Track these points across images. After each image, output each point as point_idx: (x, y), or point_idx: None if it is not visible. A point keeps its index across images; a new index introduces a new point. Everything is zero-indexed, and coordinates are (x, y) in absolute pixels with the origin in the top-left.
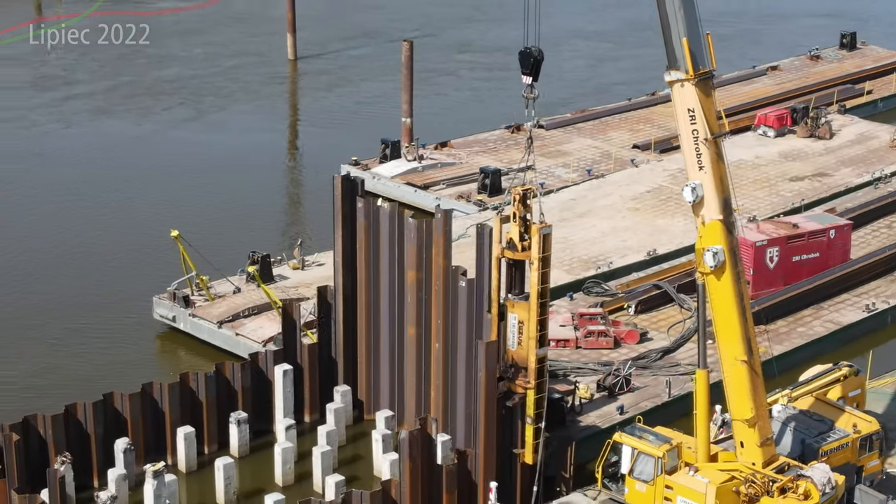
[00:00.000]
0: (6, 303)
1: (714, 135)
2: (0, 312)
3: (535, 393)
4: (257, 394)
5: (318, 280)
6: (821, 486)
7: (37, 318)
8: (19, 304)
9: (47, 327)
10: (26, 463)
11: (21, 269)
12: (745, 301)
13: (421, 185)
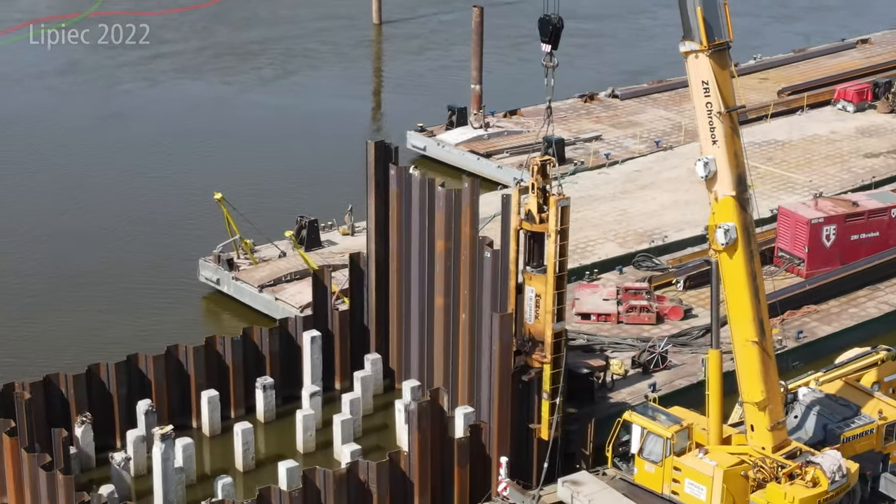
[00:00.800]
0: (61, 259)
1: (728, 108)
2: (54, 270)
3: (552, 368)
4: (286, 359)
5: (365, 246)
6: (830, 473)
7: (90, 277)
8: (77, 261)
9: (99, 286)
10: (48, 422)
11: (79, 228)
12: (757, 281)
13: (484, 152)
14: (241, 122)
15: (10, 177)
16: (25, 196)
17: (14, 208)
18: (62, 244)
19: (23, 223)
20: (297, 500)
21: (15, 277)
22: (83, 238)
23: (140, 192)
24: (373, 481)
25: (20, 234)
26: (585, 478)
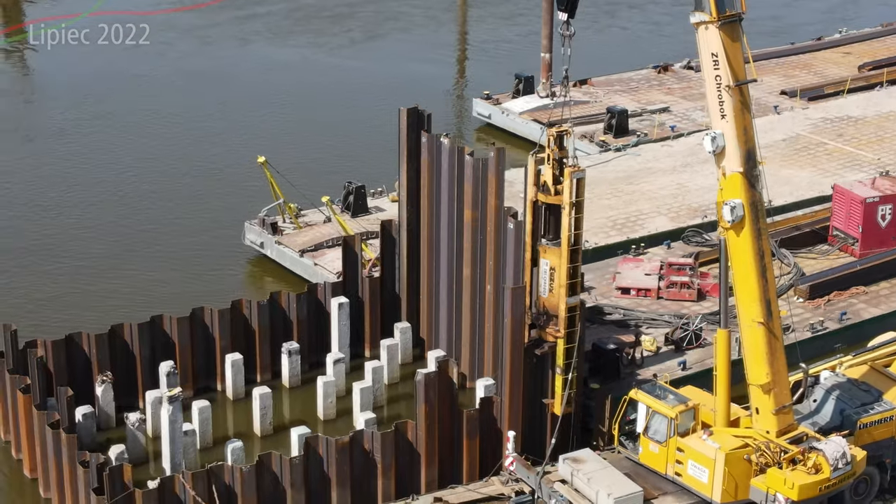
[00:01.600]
0: (124, 216)
1: (737, 82)
2: (114, 225)
3: (566, 343)
4: (314, 326)
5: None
6: (832, 460)
7: (143, 235)
8: (139, 219)
9: (155, 246)
10: (70, 381)
11: (141, 185)
12: (765, 260)
13: (547, 122)
14: (318, 85)
15: (96, 134)
16: (98, 155)
17: (88, 166)
18: (123, 204)
19: (87, 182)
20: (297, 467)
21: (74, 236)
22: (147, 197)
23: (207, 151)
24: (377, 451)
25: (81, 193)
26: (587, 455)
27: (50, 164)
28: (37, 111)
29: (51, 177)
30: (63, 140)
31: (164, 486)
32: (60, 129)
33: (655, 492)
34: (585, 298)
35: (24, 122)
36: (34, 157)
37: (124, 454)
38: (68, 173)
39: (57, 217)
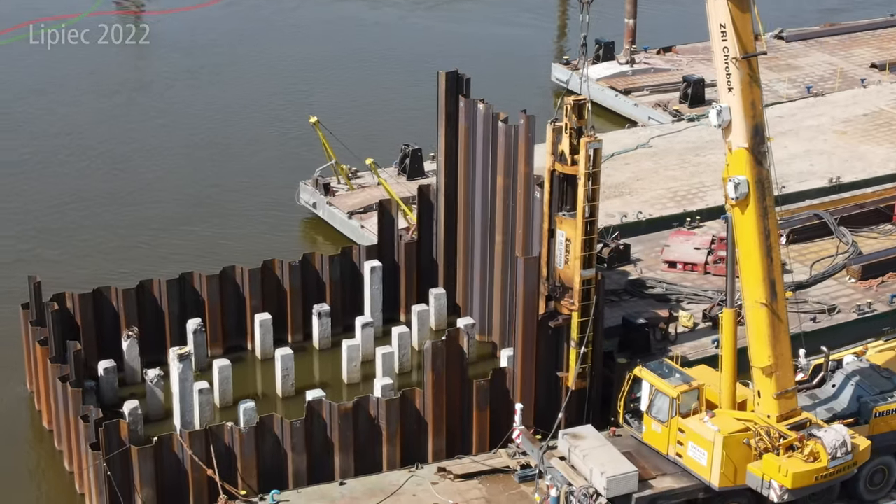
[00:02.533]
0: (192, 171)
1: (744, 55)
2: (182, 180)
3: (580, 316)
4: (348, 288)
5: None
6: (830, 448)
7: (204, 192)
8: (206, 172)
9: (217, 202)
10: (98, 335)
11: (214, 139)
12: (771, 240)
13: (623, 89)
14: (390, 46)
15: (179, 87)
16: (178, 109)
17: (160, 124)
18: (192, 157)
19: (159, 139)
20: (298, 430)
21: (141, 189)
22: (216, 151)
23: (272, 109)
24: (382, 418)
25: (150, 150)
26: (586, 432)
27: (131, 116)
28: (135, 64)
29: (129, 130)
30: (149, 94)
31: (161, 443)
32: (149, 83)
33: (655, 472)
34: (631, 270)
35: (125, 75)
36: (121, 108)
37: (138, 410)
38: (147, 126)
39: (126, 169)
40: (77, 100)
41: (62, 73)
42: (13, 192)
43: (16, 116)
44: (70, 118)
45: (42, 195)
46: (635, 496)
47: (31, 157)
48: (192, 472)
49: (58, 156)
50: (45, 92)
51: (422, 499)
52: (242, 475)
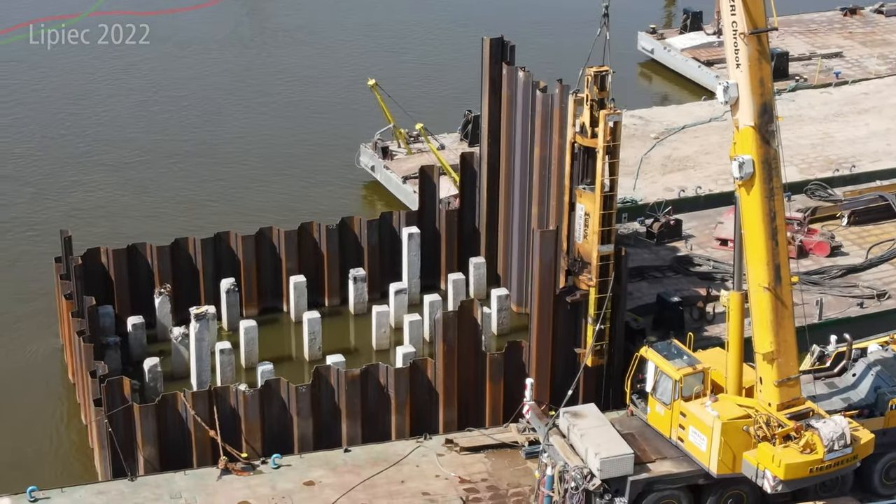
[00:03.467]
0: (259, 129)
1: (752, 30)
2: (247, 141)
3: (598, 292)
4: (387, 254)
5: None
6: (827, 440)
7: (280, 148)
8: (275, 130)
9: (282, 160)
10: (131, 290)
11: (284, 98)
12: (777, 222)
13: (705, 60)
14: (468, 10)
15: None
16: (258, 65)
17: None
18: (261, 115)
19: (227, 98)
20: (304, 396)
21: (211, 149)
22: (286, 110)
23: (349, 69)
24: (391, 387)
25: (228, 103)
26: (588, 411)
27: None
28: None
29: (213, 86)
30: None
31: (165, 402)
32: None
33: (655, 455)
34: (680, 246)
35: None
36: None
37: (157, 367)
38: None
39: (201, 125)
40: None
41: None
42: (106, 142)
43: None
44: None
45: (132, 146)
46: (630, 479)
47: (123, 109)
48: (195, 432)
49: (151, 108)
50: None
51: (424, 470)
52: (247, 438)
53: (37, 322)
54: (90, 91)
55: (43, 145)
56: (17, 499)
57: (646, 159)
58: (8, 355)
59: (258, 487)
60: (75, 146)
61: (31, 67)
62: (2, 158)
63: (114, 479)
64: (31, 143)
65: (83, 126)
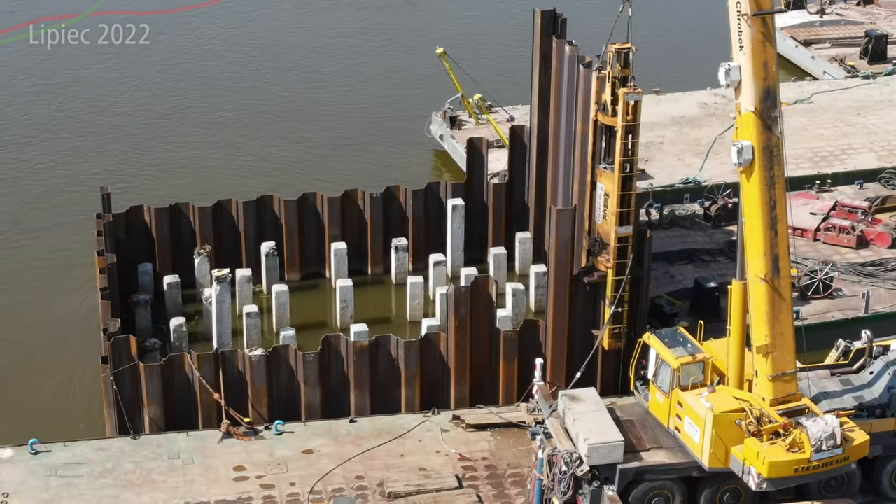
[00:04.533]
0: (335, 95)
1: (757, 11)
2: (314, 107)
3: (615, 274)
4: (432, 224)
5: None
6: (815, 440)
7: (350, 114)
8: (353, 95)
9: (357, 125)
10: (173, 249)
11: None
12: (776, 212)
13: (803, 40)
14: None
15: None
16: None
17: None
18: (336, 79)
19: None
20: (312, 364)
21: (293, 111)
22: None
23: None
24: (401, 359)
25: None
26: (586, 395)
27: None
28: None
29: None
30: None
31: (171, 363)
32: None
33: (651, 444)
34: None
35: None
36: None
37: (183, 327)
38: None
39: (275, 87)
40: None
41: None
42: (204, 100)
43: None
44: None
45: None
46: (619, 467)
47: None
48: (200, 394)
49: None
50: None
51: (426, 444)
52: (253, 403)
53: (89, 276)
54: (194, 50)
55: (147, 99)
56: (19, 450)
57: (720, 139)
58: (56, 308)
59: (257, 453)
60: (176, 102)
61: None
62: (106, 109)
63: (119, 436)
64: (136, 96)
65: (184, 83)
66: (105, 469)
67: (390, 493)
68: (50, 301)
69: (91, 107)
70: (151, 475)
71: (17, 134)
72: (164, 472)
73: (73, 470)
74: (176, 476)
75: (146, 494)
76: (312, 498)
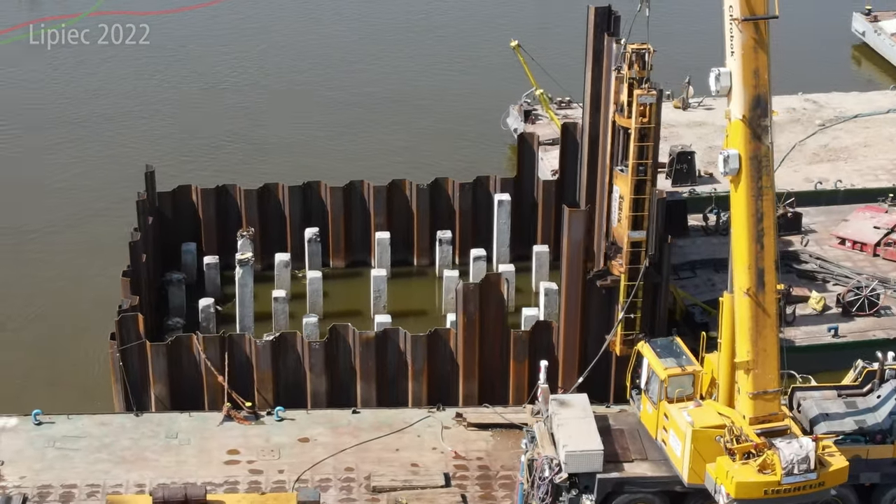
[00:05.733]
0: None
1: (747, 16)
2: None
3: (627, 279)
4: (482, 219)
5: (689, 123)
6: (786, 462)
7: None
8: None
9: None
10: (218, 229)
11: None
12: (764, 224)
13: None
14: None
15: None
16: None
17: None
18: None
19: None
20: (318, 352)
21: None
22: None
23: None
24: (409, 353)
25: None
26: (576, 401)
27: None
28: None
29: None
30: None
31: (178, 343)
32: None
33: (635, 455)
34: (795, 241)
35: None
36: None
37: (210, 308)
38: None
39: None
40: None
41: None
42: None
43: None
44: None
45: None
46: (598, 476)
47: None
48: (206, 376)
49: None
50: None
51: (424, 440)
52: (258, 388)
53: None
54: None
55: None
56: (24, 420)
57: (800, 146)
58: (99, 283)
59: (254, 438)
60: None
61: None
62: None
63: (125, 413)
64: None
65: (297, 62)
66: (102, 444)
67: (374, 486)
68: (95, 277)
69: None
70: (145, 453)
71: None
72: (158, 450)
73: (71, 443)
74: (169, 455)
75: (136, 472)
76: (297, 487)
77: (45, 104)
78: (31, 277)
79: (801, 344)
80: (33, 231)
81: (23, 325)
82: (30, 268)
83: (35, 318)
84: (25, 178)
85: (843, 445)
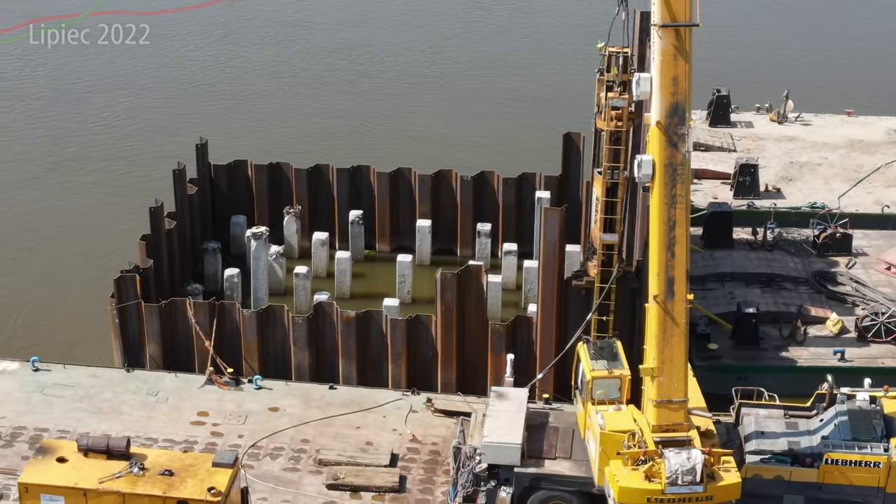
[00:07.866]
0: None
1: (666, 23)
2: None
3: (599, 280)
4: (525, 214)
5: (779, 137)
6: (671, 472)
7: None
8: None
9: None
10: (270, 204)
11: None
12: (675, 232)
13: None
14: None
15: None
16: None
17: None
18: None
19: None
20: (301, 327)
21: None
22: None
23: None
24: (389, 336)
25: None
26: (514, 394)
27: None
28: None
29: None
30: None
31: (172, 306)
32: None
33: (560, 454)
34: (841, 261)
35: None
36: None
37: (235, 278)
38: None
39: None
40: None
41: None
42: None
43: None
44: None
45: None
46: (516, 470)
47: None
48: (195, 339)
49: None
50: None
51: (388, 422)
52: (245, 357)
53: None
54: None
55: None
56: (24, 365)
57: (885, 168)
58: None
59: (227, 402)
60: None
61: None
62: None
63: (120, 368)
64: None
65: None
66: (87, 394)
67: (321, 459)
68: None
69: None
70: (122, 406)
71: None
72: (135, 405)
73: (58, 390)
74: (143, 411)
75: (107, 423)
76: (250, 453)
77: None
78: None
79: (802, 364)
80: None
81: (57, 277)
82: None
83: (71, 271)
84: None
85: (769, 465)
